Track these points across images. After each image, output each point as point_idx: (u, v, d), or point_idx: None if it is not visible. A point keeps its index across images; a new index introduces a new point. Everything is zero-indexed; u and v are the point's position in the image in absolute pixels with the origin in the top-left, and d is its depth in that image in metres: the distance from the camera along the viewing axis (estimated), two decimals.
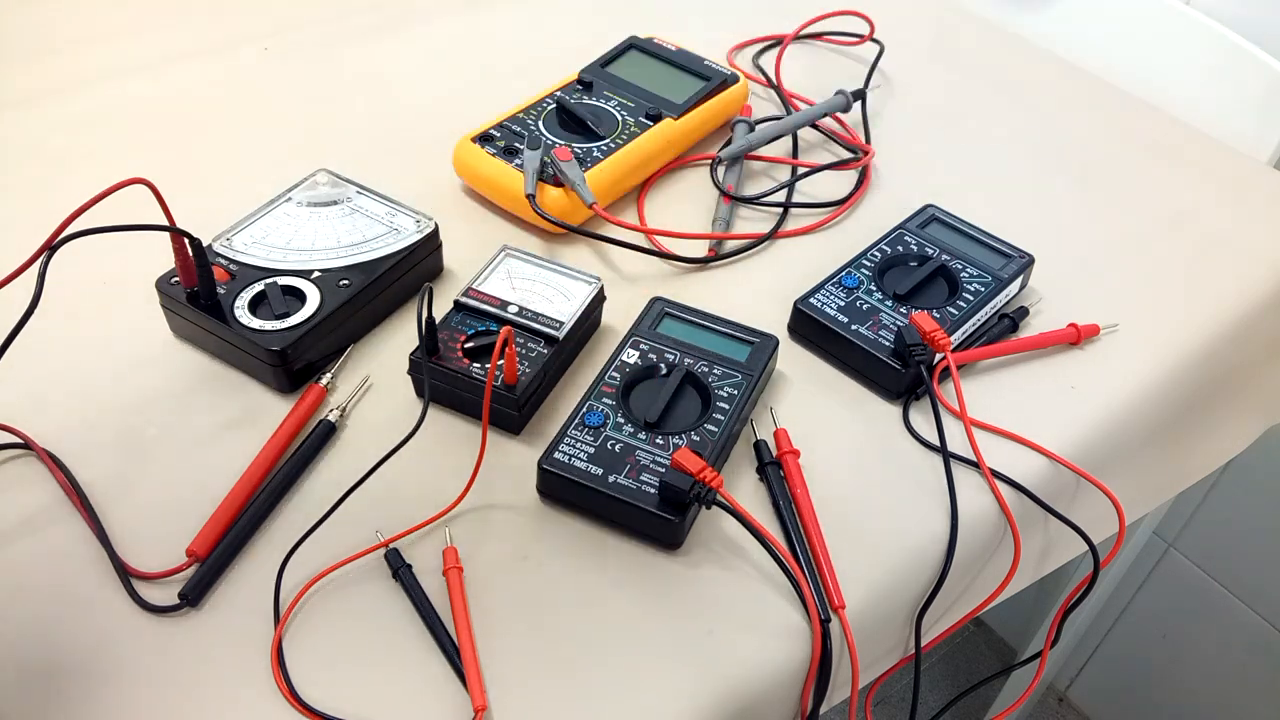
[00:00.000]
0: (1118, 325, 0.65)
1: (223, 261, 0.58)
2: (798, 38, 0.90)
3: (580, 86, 0.75)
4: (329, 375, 0.56)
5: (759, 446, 0.55)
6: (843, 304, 0.61)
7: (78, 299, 0.60)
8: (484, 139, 0.69)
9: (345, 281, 0.58)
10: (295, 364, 0.55)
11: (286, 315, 0.55)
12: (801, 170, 0.75)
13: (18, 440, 0.52)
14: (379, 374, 0.58)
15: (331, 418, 0.54)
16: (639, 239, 0.68)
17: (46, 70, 0.78)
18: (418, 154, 0.73)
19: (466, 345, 0.55)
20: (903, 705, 1.25)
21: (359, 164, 0.69)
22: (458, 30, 0.88)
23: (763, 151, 0.76)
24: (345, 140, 0.75)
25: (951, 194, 0.73)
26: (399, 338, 0.60)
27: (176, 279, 0.56)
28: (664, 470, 0.50)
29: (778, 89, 0.83)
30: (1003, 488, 0.55)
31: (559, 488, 0.51)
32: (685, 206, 0.72)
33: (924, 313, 0.59)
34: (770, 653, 0.47)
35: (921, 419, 0.58)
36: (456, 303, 0.57)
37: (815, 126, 0.79)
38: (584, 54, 0.79)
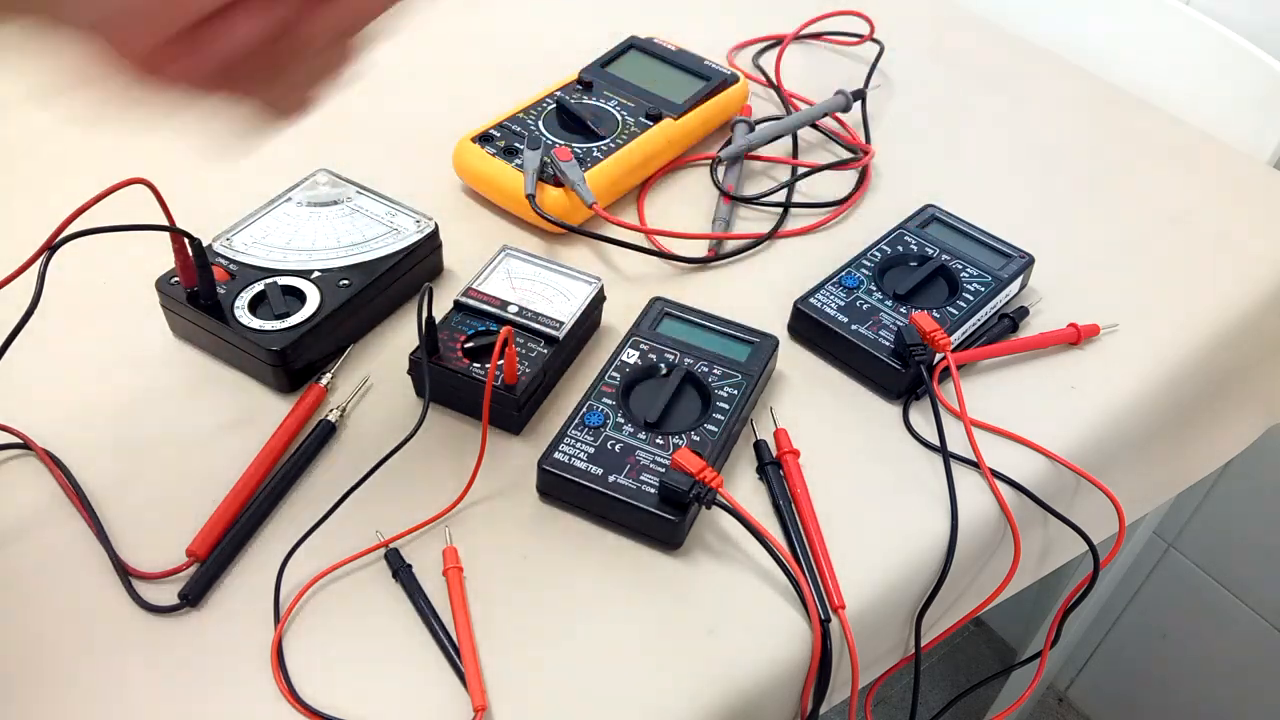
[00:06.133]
0: (1118, 325, 0.65)
1: (223, 261, 0.58)
2: (798, 38, 0.90)
3: (580, 86, 0.75)
4: (329, 375, 0.56)
5: (759, 446, 0.55)
6: (843, 304, 0.61)
7: (78, 299, 0.60)
8: (484, 139, 0.69)
9: (345, 281, 0.58)
10: (295, 364, 0.55)
11: (286, 315, 0.55)
12: (801, 170, 0.75)
13: (18, 440, 0.52)
14: (379, 374, 0.58)
15: (331, 418, 0.54)
16: (639, 239, 0.68)
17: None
18: (418, 154, 0.73)
19: (466, 345, 0.55)
20: (903, 705, 1.25)
21: (359, 164, 0.69)
22: (458, 30, 0.88)
23: (763, 151, 0.77)
24: (345, 140, 0.75)
25: (951, 194, 0.73)
26: (399, 338, 0.60)
27: (176, 279, 0.56)
28: (664, 470, 0.50)
29: (778, 89, 0.83)
30: (1003, 488, 0.55)
31: (559, 488, 0.51)
32: (685, 206, 0.72)
33: (924, 313, 0.59)
34: (770, 653, 0.47)
35: (921, 419, 0.58)
36: (456, 303, 0.58)
37: (815, 126, 0.79)
38: (584, 54, 0.79)
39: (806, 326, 0.61)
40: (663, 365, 0.56)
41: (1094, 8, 0.96)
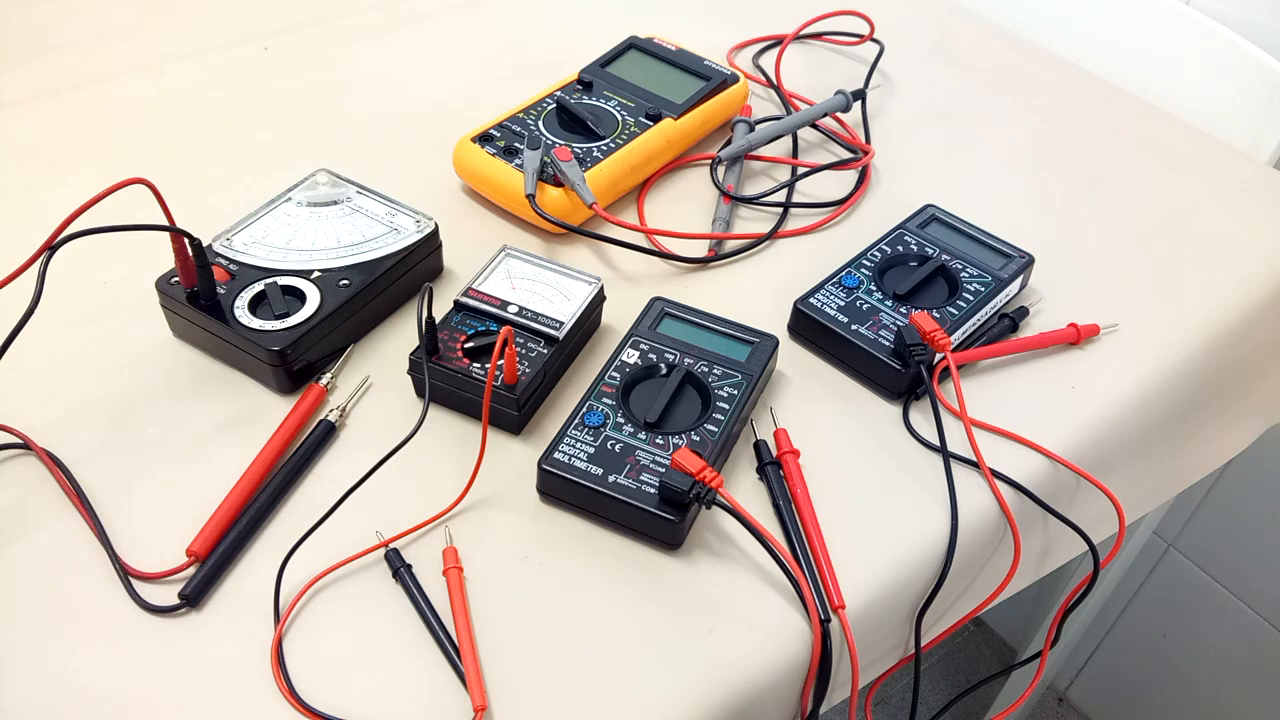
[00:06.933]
0: (1118, 325, 0.65)
1: (223, 261, 0.58)
2: (798, 38, 0.90)
3: (580, 86, 0.75)
4: (329, 375, 0.56)
5: (759, 446, 0.55)
6: (843, 304, 0.61)
7: (78, 299, 0.60)
8: (484, 139, 0.69)
9: (345, 281, 0.58)
10: (295, 364, 0.55)
11: (286, 315, 0.55)
12: (801, 170, 0.75)
13: (18, 440, 0.52)
14: (379, 374, 0.58)
15: (331, 418, 0.54)
16: (639, 239, 0.68)
17: (46, 70, 0.79)
18: (418, 154, 0.73)
19: (466, 345, 0.55)
20: (903, 705, 1.25)
21: (359, 164, 0.69)
22: (458, 30, 0.88)
23: (763, 151, 0.77)
24: (345, 140, 0.75)
25: (951, 194, 0.73)
26: (399, 338, 0.60)
27: (176, 279, 0.56)
28: (664, 470, 0.50)
29: (778, 89, 0.83)
30: (1003, 488, 0.55)
31: (559, 488, 0.51)
32: (685, 206, 0.72)
33: (924, 313, 0.59)
34: (770, 653, 0.47)
35: (921, 419, 0.58)
36: (456, 303, 0.58)
37: (815, 126, 0.79)
38: (584, 54, 0.79)
39: (806, 326, 0.61)
40: (663, 365, 0.56)
41: (1094, 8, 0.96)
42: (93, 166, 0.70)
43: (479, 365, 0.54)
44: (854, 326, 0.60)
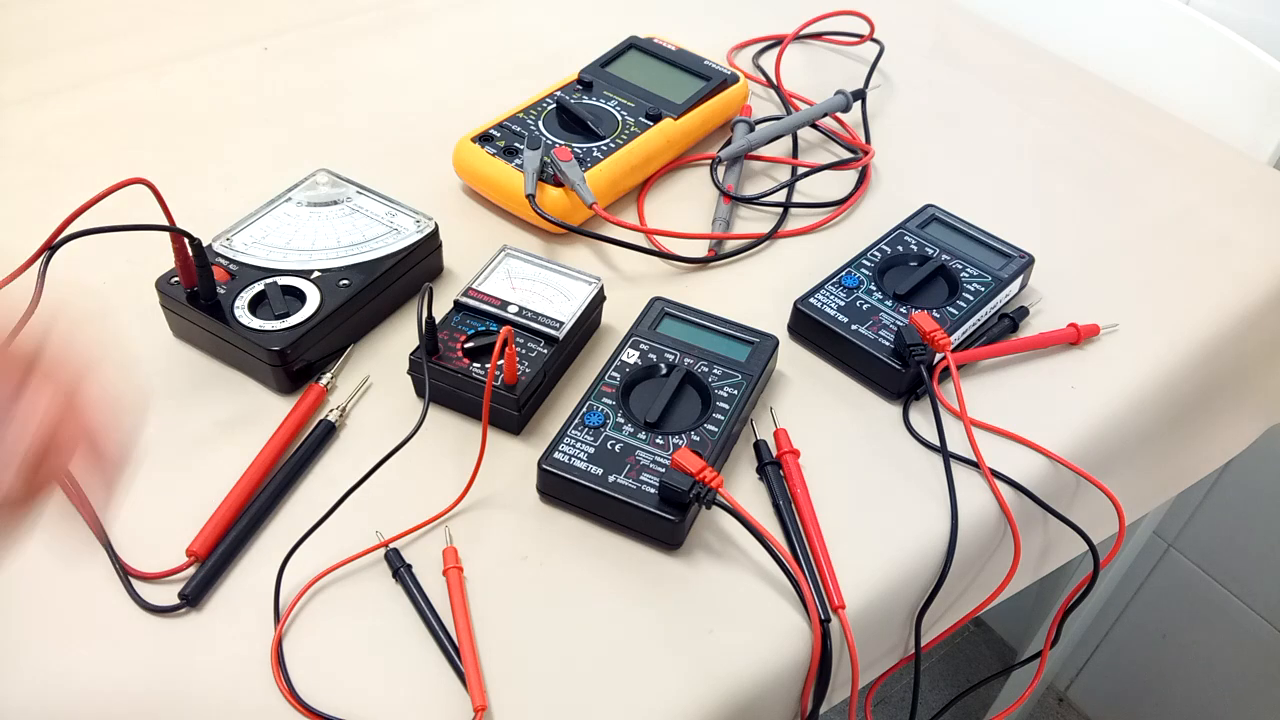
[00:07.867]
0: (1118, 325, 0.65)
1: (223, 261, 0.58)
2: (798, 38, 0.90)
3: (580, 86, 0.75)
4: (329, 375, 0.56)
5: (759, 446, 0.55)
6: (843, 304, 0.61)
7: (77, 299, 0.60)
8: (484, 139, 0.69)
9: (345, 281, 0.58)
10: (295, 364, 0.55)
11: (286, 315, 0.55)
12: (801, 170, 0.75)
13: None
14: (379, 374, 0.58)
15: (331, 418, 0.54)
16: (639, 239, 0.68)
17: (46, 70, 0.79)
18: (418, 154, 0.73)
19: (466, 345, 0.55)
20: (903, 705, 1.25)
21: (359, 164, 0.69)
22: (458, 30, 0.88)
23: (763, 151, 0.77)
24: (345, 140, 0.75)
25: (951, 194, 0.73)
26: (399, 338, 0.60)
27: (176, 279, 0.56)
28: (664, 470, 0.50)
29: (778, 89, 0.83)
30: (1003, 488, 0.55)
31: (559, 488, 0.51)
32: (685, 206, 0.72)
33: (924, 313, 0.59)
34: (770, 653, 0.47)
35: (921, 419, 0.58)
36: (456, 303, 0.58)
37: (815, 126, 0.79)
38: (584, 54, 0.79)
39: (806, 326, 0.61)
40: (663, 365, 0.56)
41: (1094, 7, 0.96)
42: (93, 166, 0.70)
43: (479, 365, 0.54)
44: (854, 326, 0.60)
